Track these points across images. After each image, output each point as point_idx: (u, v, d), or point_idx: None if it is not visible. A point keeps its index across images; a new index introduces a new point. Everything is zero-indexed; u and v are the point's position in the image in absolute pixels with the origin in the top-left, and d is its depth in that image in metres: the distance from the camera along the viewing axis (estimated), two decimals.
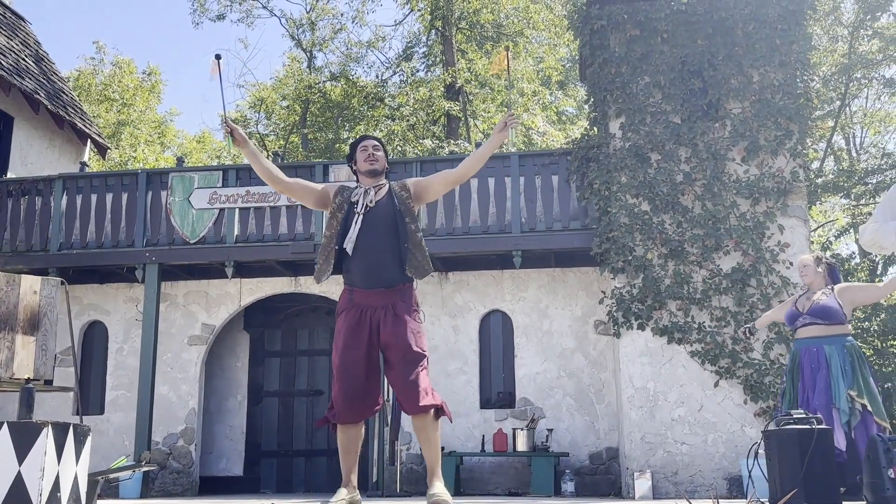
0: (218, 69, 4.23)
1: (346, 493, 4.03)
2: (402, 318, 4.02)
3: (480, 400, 10.06)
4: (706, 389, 8.81)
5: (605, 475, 9.61)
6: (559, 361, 9.97)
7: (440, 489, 3.96)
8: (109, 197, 10.44)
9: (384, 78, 22.60)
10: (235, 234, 10.04)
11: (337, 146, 22.28)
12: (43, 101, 12.06)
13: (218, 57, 4.21)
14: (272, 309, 11.17)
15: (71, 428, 3.64)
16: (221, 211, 10.13)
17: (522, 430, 9.31)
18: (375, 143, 4.31)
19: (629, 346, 9.04)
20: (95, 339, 10.93)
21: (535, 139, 18.71)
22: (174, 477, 10.14)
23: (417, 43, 22.62)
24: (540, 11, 20.21)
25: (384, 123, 20.51)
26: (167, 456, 10.20)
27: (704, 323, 8.91)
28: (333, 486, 9.48)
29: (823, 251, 14.91)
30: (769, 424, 4.74)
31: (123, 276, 10.65)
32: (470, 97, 20.14)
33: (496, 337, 10.32)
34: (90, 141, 13.43)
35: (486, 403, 10.08)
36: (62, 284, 4.06)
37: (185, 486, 10.12)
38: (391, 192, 4.22)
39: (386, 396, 8.30)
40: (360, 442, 4.13)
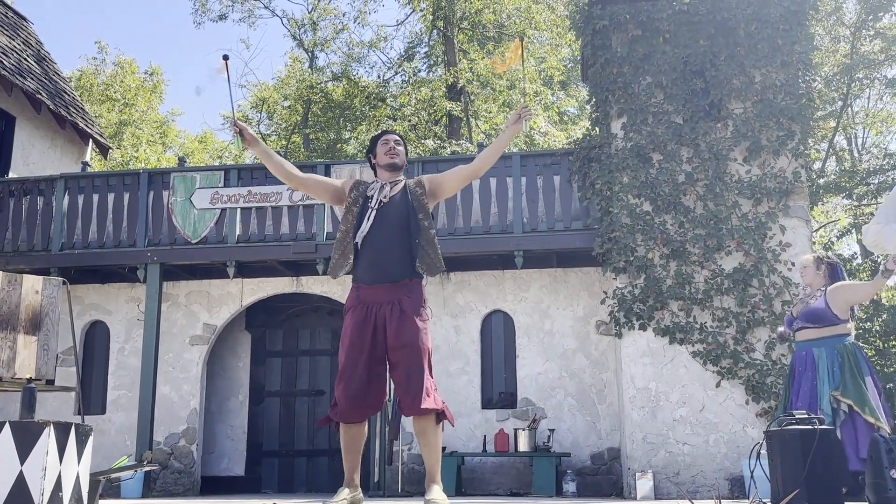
0: (226, 69, 4.22)
1: (347, 492, 4.01)
2: (407, 315, 3.99)
3: (482, 400, 10.05)
4: (708, 390, 8.81)
5: (606, 475, 9.60)
6: (561, 362, 9.96)
7: (438, 494, 3.92)
8: (111, 197, 10.45)
9: (386, 78, 22.62)
10: (237, 234, 10.05)
11: (338, 146, 22.29)
12: (45, 100, 12.07)
13: (226, 57, 4.19)
14: (274, 309, 11.18)
15: (73, 428, 3.63)
16: (223, 211, 10.14)
17: (524, 430, 9.31)
18: (397, 137, 4.32)
19: (631, 346, 9.03)
20: (97, 338, 10.94)
21: (537, 139, 18.69)
22: (175, 477, 10.14)
23: (419, 43, 22.63)
24: (542, 11, 20.19)
25: (386, 124, 20.50)
26: (169, 456, 10.20)
27: (706, 323, 8.91)
28: (335, 486, 9.47)
29: (825, 251, 14.89)
30: (771, 425, 4.73)
31: (125, 275, 10.66)
32: (472, 97, 20.13)
33: (498, 337, 10.32)
34: (92, 141, 13.44)
35: (487, 404, 10.07)
36: (64, 284, 4.06)
37: (186, 485, 10.12)
38: (406, 188, 4.20)
39: (388, 395, 8.29)
40: (362, 441, 4.09)
